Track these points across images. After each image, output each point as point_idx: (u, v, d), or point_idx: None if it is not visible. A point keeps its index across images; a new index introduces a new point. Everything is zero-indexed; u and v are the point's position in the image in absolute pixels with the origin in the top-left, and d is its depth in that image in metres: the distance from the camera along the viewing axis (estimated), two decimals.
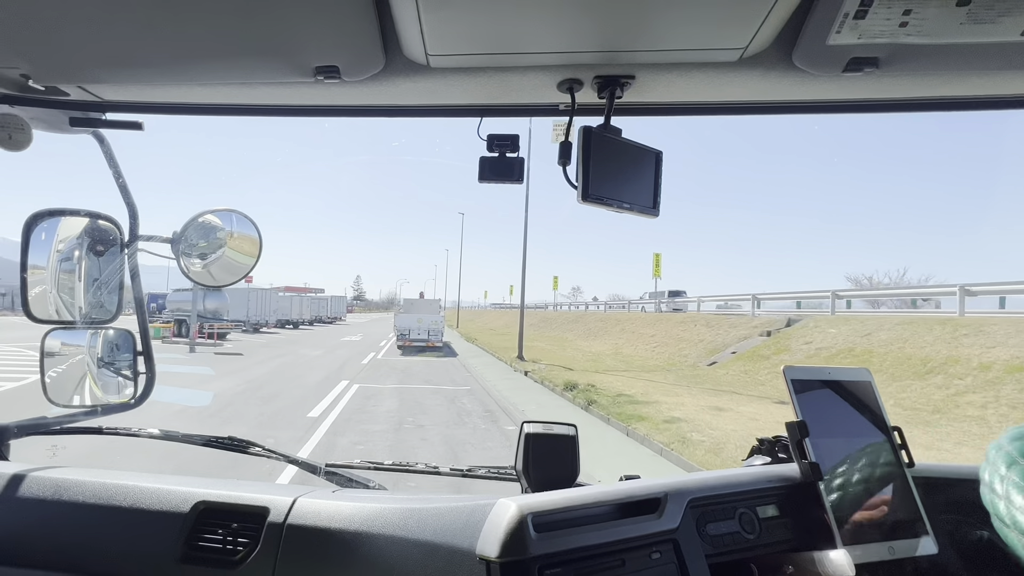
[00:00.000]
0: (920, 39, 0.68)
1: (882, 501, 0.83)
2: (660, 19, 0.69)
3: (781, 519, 0.84)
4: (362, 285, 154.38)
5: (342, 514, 0.79)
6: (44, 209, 1.07)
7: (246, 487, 0.89)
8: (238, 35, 0.76)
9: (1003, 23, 0.64)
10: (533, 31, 0.73)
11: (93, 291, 1.13)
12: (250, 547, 0.80)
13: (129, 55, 0.82)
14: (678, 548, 0.74)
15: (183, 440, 1.15)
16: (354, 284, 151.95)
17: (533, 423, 1.02)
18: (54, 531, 0.86)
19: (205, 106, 1.01)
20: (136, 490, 0.88)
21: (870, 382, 0.91)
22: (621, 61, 0.80)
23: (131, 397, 1.15)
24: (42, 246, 1.07)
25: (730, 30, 0.71)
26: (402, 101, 0.95)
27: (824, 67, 0.77)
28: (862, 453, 0.85)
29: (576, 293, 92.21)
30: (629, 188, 0.87)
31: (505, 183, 0.93)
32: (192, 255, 1.12)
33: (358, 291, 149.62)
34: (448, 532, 0.72)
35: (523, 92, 0.90)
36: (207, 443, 1.15)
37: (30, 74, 0.88)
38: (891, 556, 0.79)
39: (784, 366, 0.87)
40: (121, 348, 1.19)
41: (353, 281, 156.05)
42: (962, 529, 0.90)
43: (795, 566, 0.81)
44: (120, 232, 1.11)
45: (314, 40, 0.77)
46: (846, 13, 0.65)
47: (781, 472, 0.89)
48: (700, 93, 0.90)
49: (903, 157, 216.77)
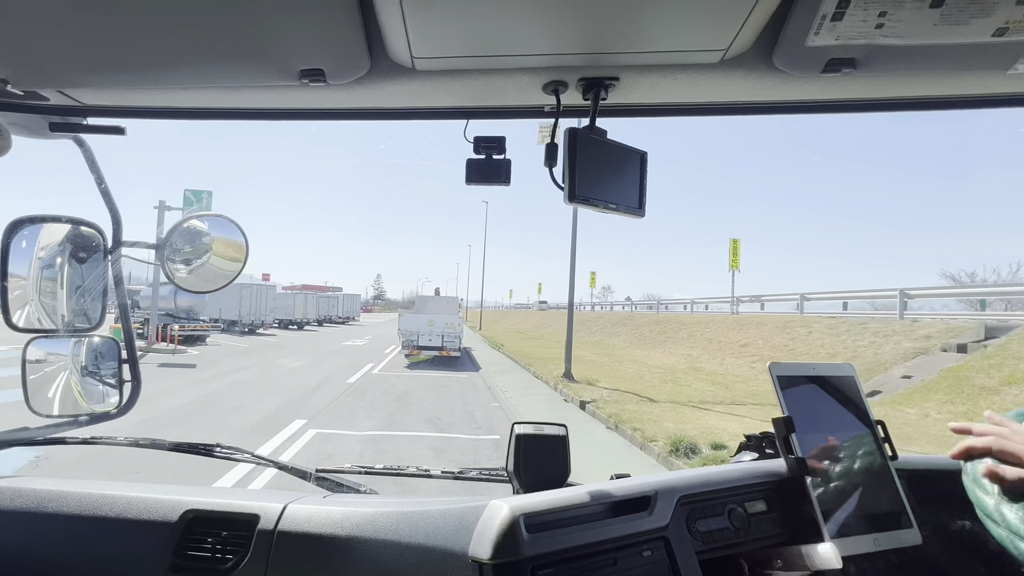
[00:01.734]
0: (895, 40, 0.70)
1: (867, 494, 0.84)
2: (643, 21, 0.70)
3: (769, 514, 0.85)
4: (383, 284, 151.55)
5: (333, 519, 0.79)
6: (24, 216, 1.05)
7: (235, 494, 0.89)
8: (221, 38, 0.75)
9: (975, 24, 0.66)
10: (518, 33, 0.73)
11: (76, 299, 1.12)
12: (240, 555, 0.79)
13: (110, 59, 0.81)
14: (669, 545, 0.74)
15: (170, 448, 1.14)
16: (374, 283, 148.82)
17: (523, 424, 1.02)
18: (38, 544, 0.85)
19: (188, 110, 1.00)
20: (123, 500, 0.87)
21: (853, 377, 0.93)
22: (605, 63, 0.81)
23: (116, 406, 1.13)
24: (23, 254, 1.05)
25: (712, 32, 0.72)
26: (388, 104, 0.95)
27: (803, 68, 0.78)
28: (847, 447, 0.86)
29: (607, 293, 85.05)
30: (615, 189, 0.88)
31: (492, 185, 0.94)
32: (177, 260, 1.11)
33: (378, 290, 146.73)
34: (441, 535, 0.72)
35: (508, 94, 0.91)
36: (194, 451, 1.14)
37: (8, 78, 0.86)
38: (876, 548, 0.80)
39: (769, 363, 0.88)
40: (105, 356, 1.17)
41: (373, 280, 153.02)
42: (945, 520, 0.92)
43: (783, 560, 0.82)
44: (103, 238, 1.10)
45: (298, 43, 0.76)
46: (824, 15, 0.66)
47: (768, 468, 0.90)
48: (683, 94, 0.91)
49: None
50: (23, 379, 1.08)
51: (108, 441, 1.14)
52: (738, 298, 20.75)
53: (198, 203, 18.36)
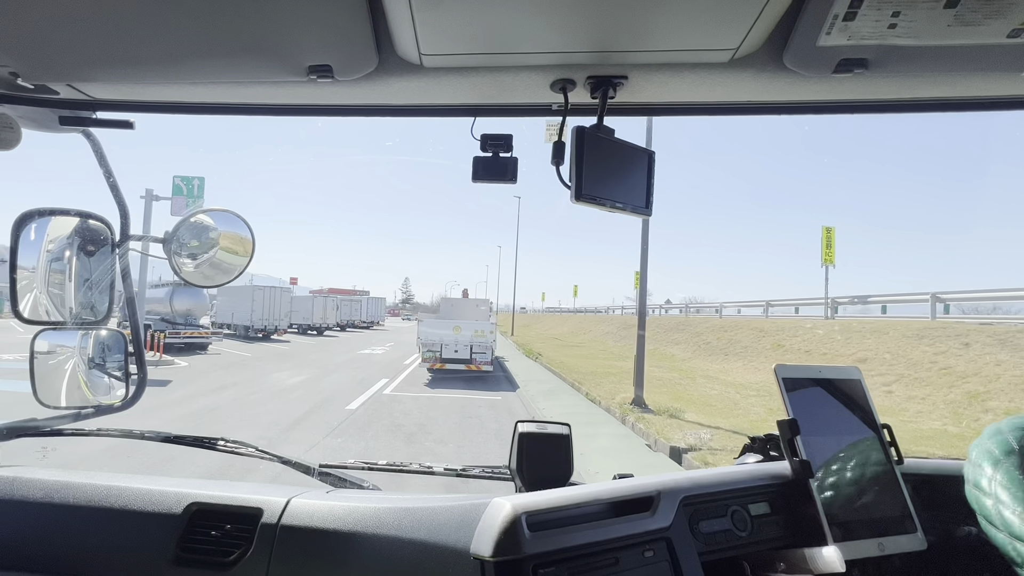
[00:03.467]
0: (909, 40, 0.69)
1: (872, 498, 0.83)
2: (652, 20, 0.70)
3: (773, 516, 0.84)
4: (411, 288, 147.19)
5: (336, 514, 0.79)
6: (33, 209, 1.06)
7: (239, 488, 0.89)
8: (230, 34, 0.76)
9: (990, 25, 0.65)
10: (526, 31, 0.73)
11: (83, 291, 1.12)
12: (244, 548, 0.80)
13: (120, 53, 0.81)
14: (671, 546, 0.74)
15: (175, 441, 1.14)
16: (402, 287, 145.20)
17: (526, 422, 1.02)
18: (44, 535, 0.85)
19: (197, 105, 1.00)
20: (128, 492, 0.87)
21: (859, 380, 0.92)
22: (614, 61, 0.80)
23: (122, 398, 1.14)
24: (31, 246, 1.06)
25: (721, 31, 0.72)
26: (395, 101, 0.95)
27: (814, 68, 0.77)
28: (852, 450, 0.86)
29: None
30: (622, 188, 0.88)
31: (499, 183, 0.94)
32: (183, 255, 1.12)
33: (406, 294, 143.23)
34: (443, 532, 0.72)
35: (516, 92, 0.91)
36: (199, 444, 1.14)
37: (19, 72, 0.87)
38: (881, 552, 0.79)
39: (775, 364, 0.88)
40: (112, 349, 1.18)
41: (401, 284, 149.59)
42: (950, 525, 0.91)
43: (786, 563, 0.81)
44: (111, 232, 1.10)
45: (307, 39, 0.76)
46: (836, 15, 0.66)
47: (772, 470, 0.89)
48: (692, 93, 0.90)
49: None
50: (31, 370, 1.09)
51: (114, 433, 1.15)
52: (834, 300, 16.19)
53: (189, 191, 16.46)
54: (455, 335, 13.19)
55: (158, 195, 16.32)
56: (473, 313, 15.28)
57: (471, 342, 13.16)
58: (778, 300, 19.77)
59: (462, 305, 16.13)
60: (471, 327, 13.29)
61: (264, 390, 10.59)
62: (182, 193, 16.46)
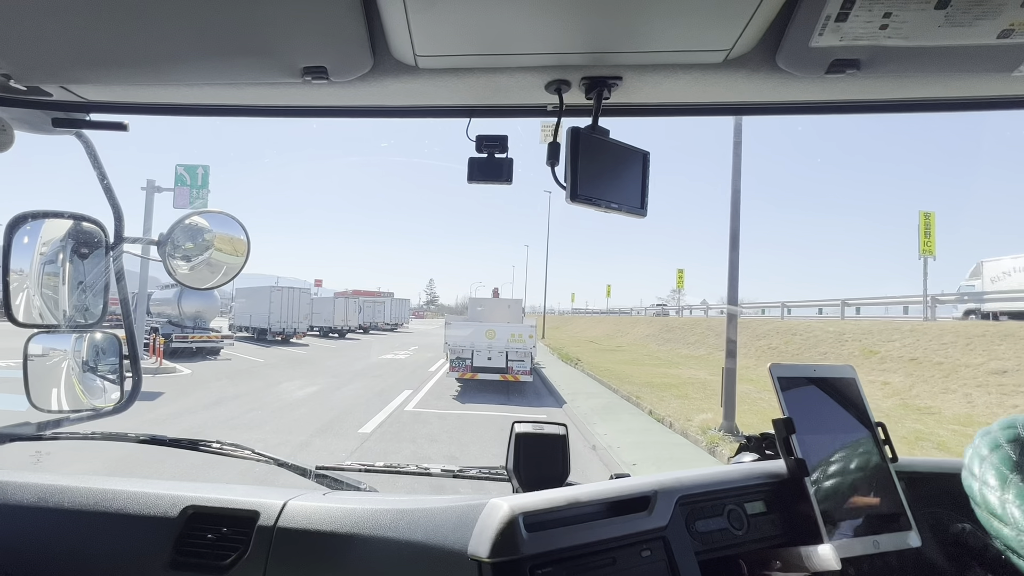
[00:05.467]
0: (900, 41, 0.69)
1: (867, 496, 0.84)
2: (646, 21, 0.70)
3: (768, 515, 0.85)
4: (435, 289, 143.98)
5: (333, 516, 0.79)
6: (27, 211, 1.06)
7: (235, 491, 0.89)
8: (225, 35, 0.75)
9: (980, 26, 0.65)
10: (521, 32, 0.73)
11: (77, 294, 1.12)
12: (240, 551, 0.79)
13: (113, 55, 0.81)
14: (668, 545, 0.74)
15: (170, 444, 1.14)
16: (427, 288, 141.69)
17: (523, 423, 1.02)
18: (39, 539, 0.85)
19: (191, 106, 1.00)
20: (123, 495, 0.87)
21: (854, 379, 0.93)
22: (608, 62, 0.81)
23: (117, 402, 1.13)
24: (25, 249, 1.05)
25: (715, 32, 0.72)
26: (390, 102, 0.95)
27: (807, 68, 0.78)
28: (847, 449, 0.86)
29: (676, 295, 78.59)
30: (617, 188, 0.88)
31: (494, 184, 0.94)
32: (178, 257, 1.11)
33: (431, 295, 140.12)
34: (440, 533, 0.72)
35: (511, 93, 0.91)
36: (195, 447, 1.14)
37: (11, 74, 0.86)
38: (876, 550, 0.80)
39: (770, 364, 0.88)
40: (107, 352, 1.17)
41: (426, 285, 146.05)
42: (944, 522, 0.92)
43: (782, 561, 0.82)
44: (105, 234, 1.10)
45: (301, 40, 0.76)
46: (828, 15, 0.66)
47: (768, 469, 0.90)
48: (686, 94, 0.91)
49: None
50: (24, 374, 1.08)
51: (109, 436, 1.14)
52: (934, 297, 13.61)
53: (193, 181, 14.91)
54: (488, 340, 11.68)
55: (160, 186, 14.69)
56: (504, 315, 13.63)
57: (507, 348, 11.59)
58: (854, 299, 17.53)
59: (492, 306, 14.33)
60: (506, 331, 11.77)
61: (266, 406, 9.29)
62: (185, 183, 14.99)
